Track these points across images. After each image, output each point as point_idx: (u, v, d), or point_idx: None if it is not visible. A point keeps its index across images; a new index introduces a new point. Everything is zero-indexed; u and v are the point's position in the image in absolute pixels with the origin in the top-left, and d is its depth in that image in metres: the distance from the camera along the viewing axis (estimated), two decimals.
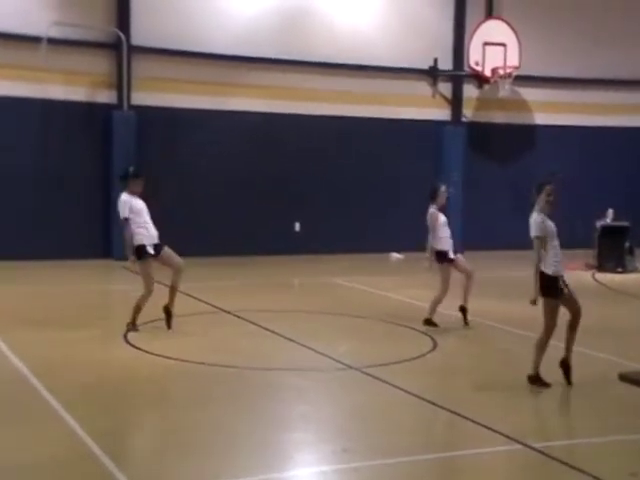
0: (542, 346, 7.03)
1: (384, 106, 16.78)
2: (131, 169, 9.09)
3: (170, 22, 15.34)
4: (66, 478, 4.95)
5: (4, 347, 8.06)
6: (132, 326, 8.84)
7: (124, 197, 8.82)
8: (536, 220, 6.97)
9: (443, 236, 9.59)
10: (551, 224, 7.06)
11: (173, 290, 8.98)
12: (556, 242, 7.04)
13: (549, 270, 6.90)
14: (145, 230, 8.78)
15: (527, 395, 7.01)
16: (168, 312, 8.96)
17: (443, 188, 9.74)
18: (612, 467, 5.22)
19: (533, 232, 6.94)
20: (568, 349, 7.15)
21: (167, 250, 8.96)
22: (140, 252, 8.73)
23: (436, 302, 9.52)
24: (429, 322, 9.46)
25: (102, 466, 5.04)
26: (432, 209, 9.61)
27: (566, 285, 7.02)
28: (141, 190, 8.91)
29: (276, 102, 16.05)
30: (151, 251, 8.77)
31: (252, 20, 15.90)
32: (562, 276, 6.99)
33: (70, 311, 10.27)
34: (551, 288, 6.87)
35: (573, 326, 7.12)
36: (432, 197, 9.64)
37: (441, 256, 9.52)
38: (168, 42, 15.17)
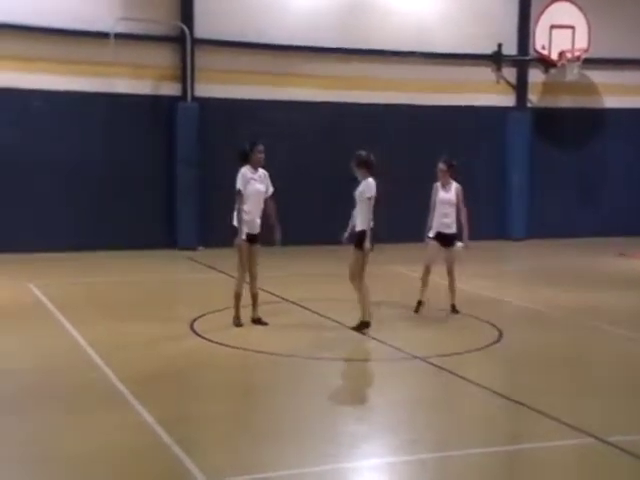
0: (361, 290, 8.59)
1: (448, 93, 16.55)
2: (247, 144, 8.86)
3: (232, 14, 15.45)
4: (136, 467, 5.04)
5: (76, 335, 8.27)
6: (236, 319, 8.75)
7: (244, 170, 8.78)
8: (373, 183, 9.13)
9: (435, 214, 9.91)
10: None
11: (252, 296, 8.94)
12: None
13: (364, 226, 8.60)
14: (245, 215, 8.70)
15: (597, 387, 6.85)
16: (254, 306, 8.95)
17: (439, 165, 9.99)
18: None
19: (372, 192, 8.97)
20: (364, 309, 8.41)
21: (255, 250, 8.83)
22: (234, 232, 8.73)
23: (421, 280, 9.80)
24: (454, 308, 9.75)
25: (172, 454, 5.13)
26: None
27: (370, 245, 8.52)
28: (263, 158, 8.87)
29: (337, 91, 16.00)
30: (243, 236, 8.70)
31: (312, 10, 15.88)
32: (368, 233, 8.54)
33: (137, 301, 10.48)
34: (360, 241, 8.57)
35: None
36: None
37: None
38: (230, 34, 15.29)
